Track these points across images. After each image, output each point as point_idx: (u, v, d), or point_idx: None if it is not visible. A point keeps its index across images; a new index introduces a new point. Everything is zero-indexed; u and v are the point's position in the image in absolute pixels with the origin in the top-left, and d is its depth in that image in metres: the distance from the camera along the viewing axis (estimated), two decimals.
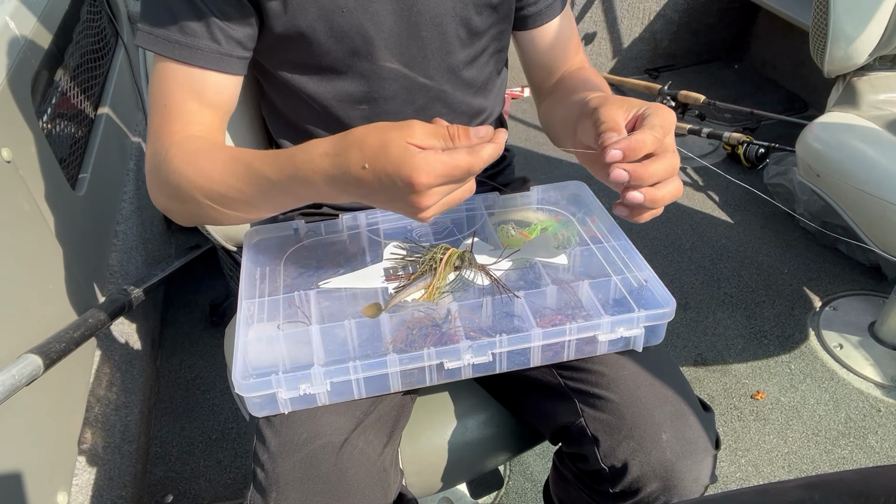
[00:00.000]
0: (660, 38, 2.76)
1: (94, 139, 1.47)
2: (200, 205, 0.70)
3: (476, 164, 0.57)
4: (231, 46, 0.73)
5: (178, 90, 0.73)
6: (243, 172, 0.66)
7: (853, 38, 1.34)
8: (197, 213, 0.73)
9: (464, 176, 0.57)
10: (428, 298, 0.72)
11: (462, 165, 0.56)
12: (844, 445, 1.40)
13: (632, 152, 0.59)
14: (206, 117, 0.74)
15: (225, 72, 0.74)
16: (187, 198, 0.71)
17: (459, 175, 0.57)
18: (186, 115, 0.73)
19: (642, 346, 0.73)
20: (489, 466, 0.93)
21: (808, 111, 2.46)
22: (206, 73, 0.73)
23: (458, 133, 0.58)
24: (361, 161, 0.57)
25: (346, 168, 0.59)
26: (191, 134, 0.73)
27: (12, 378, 0.92)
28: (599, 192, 0.88)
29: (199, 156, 0.70)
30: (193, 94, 0.73)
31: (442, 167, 0.56)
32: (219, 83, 0.74)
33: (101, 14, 1.66)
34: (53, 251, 1.14)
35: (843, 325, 1.66)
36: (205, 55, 0.72)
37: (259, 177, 0.66)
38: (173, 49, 0.72)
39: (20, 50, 1.14)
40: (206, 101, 0.74)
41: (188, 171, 0.69)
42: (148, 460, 1.45)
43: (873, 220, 1.30)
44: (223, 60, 0.73)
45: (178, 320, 1.79)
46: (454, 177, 0.57)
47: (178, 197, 0.72)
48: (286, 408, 0.68)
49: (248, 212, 0.71)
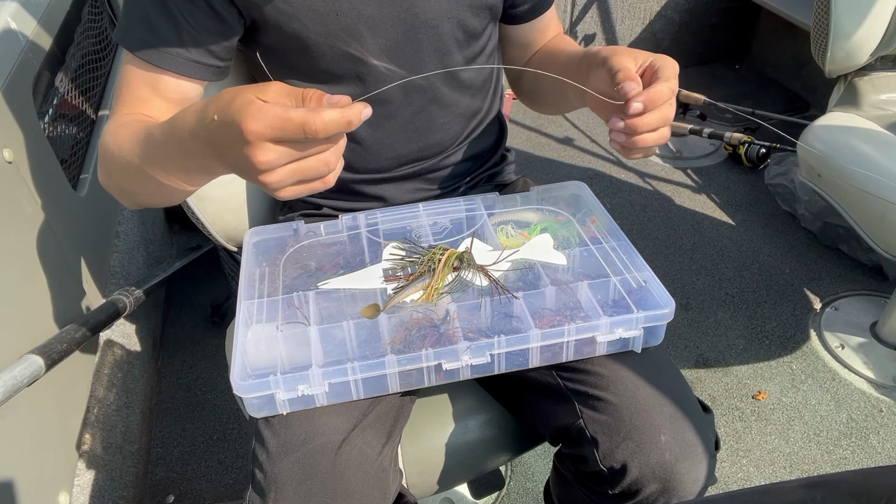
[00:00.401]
0: (660, 39, 2.76)
1: (95, 140, 1.48)
2: (120, 176, 0.73)
3: (311, 122, 0.52)
4: (199, 54, 0.74)
5: (136, 81, 0.74)
6: (144, 138, 0.67)
7: (854, 38, 1.34)
8: (121, 184, 0.75)
9: (298, 133, 0.52)
10: (426, 299, 0.72)
11: (295, 119, 0.52)
12: (846, 446, 1.40)
13: (652, 104, 0.64)
14: (157, 107, 0.75)
15: (188, 77, 0.75)
16: (110, 170, 0.73)
17: (292, 130, 0.52)
18: (137, 101, 0.74)
19: (641, 347, 0.73)
20: (490, 467, 0.93)
21: (810, 111, 2.45)
22: (169, 77, 0.74)
23: (311, 96, 0.55)
24: (214, 112, 0.56)
25: (202, 120, 0.57)
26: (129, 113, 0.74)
27: (14, 378, 0.93)
28: (599, 193, 0.88)
29: (121, 129, 0.71)
30: (148, 85, 0.74)
31: (273, 117, 0.52)
32: (179, 85, 0.75)
33: (103, 15, 1.67)
34: (55, 252, 1.14)
35: (844, 326, 1.66)
36: (171, 59, 0.73)
37: (152, 141, 0.66)
38: (142, 49, 0.73)
39: (22, 51, 1.15)
40: (160, 92, 0.75)
41: (111, 144, 0.71)
42: (149, 461, 1.45)
43: (874, 220, 1.30)
44: (188, 66, 0.74)
45: (180, 321, 1.80)
46: (286, 130, 0.52)
47: (105, 170, 0.75)
48: (284, 408, 0.68)
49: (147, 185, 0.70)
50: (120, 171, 0.72)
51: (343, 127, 0.53)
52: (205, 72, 0.75)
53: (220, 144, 0.56)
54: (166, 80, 0.74)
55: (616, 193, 2.16)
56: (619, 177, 2.23)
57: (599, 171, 2.27)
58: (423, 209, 0.87)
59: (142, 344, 1.48)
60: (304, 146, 0.54)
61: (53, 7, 1.34)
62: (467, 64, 0.84)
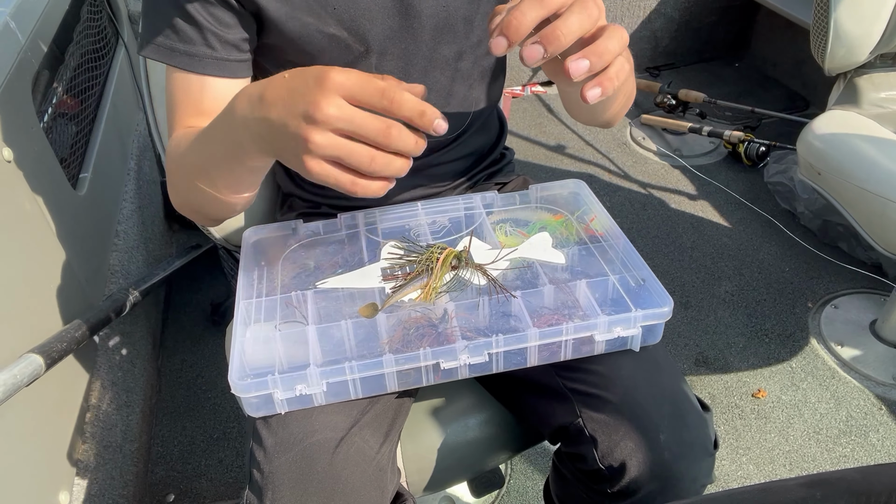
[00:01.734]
0: (660, 37, 2.75)
1: (94, 139, 1.48)
2: (184, 186, 0.73)
3: (392, 89, 0.50)
4: (227, 51, 0.74)
5: (180, 97, 0.76)
6: (199, 136, 0.67)
7: (854, 36, 1.34)
8: (189, 202, 0.74)
9: (376, 96, 0.51)
10: (425, 298, 0.72)
11: (378, 83, 0.51)
12: (846, 444, 1.40)
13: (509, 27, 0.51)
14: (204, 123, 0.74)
15: (222, 76, 0.75)
16: (176, 183, 0.74)
17: (372, 90, 0.51)
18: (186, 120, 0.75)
19: (640, 345, 0.73)
20: (489, 465, 0.93)
21: (809, 109, 2.45)
22: (204, 79, 0.74)
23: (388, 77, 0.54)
24: (284, 73, 0.55)
25: (267, 82, 0.56)
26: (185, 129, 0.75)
27: (14, 377, 0.93)
28: (599, 192, 0.88)
29: (181, 141, 0.72)
30: (192, 104, 0.75)
31: (357, 75, 0.51)
32: (216, 89, 0.75)
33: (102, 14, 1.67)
34: (54, 251, 1.14)
35: (844, 324, 1.66)
36: (201, 61, 0.73)
37: (205, 131, 0.66)
38: (172, 56, 0.73)
39: (21, 50, 1.15)
40: (204, 109, 0.75)
41: (175, 156, 0.72)
42: (149, 460, 1.45)
43: (874, 218, 1.30)
44: (219, 65, 0.74)
45: (180, 320, 1.80)
46: (366, 89, 0.51)
47: (173, 186, 0.75)
48: (282, 408, 0.68)
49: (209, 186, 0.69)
50: (185, 183, 0.72)
51: (417, 114, 0.51)
52: (237, 68, 0.76)
53: (281, 95, 0.53)
54: (205, 87, 0.75)
55: (615, 192, 2.15)
56: (618, 175, 2.23)
57: (598, 169, 2.27)
58: (422, 208, 0.87)
59: (142, 343, 1.49)
60: (368, 120, 0.51)
61: (52, 6, 1.34)
62: (468, 54, 0.84)
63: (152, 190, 1.80)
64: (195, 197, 0.72)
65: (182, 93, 0.75)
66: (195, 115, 0.75)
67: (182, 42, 0.73)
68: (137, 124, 1.85)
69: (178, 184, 0.74)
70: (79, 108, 1.44)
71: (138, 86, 1.83)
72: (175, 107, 0.76)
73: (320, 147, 0.52)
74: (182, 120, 0.75)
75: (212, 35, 0.73)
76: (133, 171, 1.69)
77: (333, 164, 0.53)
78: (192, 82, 0.74)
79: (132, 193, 1.62)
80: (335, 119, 0.51)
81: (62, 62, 1.40)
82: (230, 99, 0.76)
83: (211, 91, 0.75)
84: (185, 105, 0.75)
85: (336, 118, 0.51)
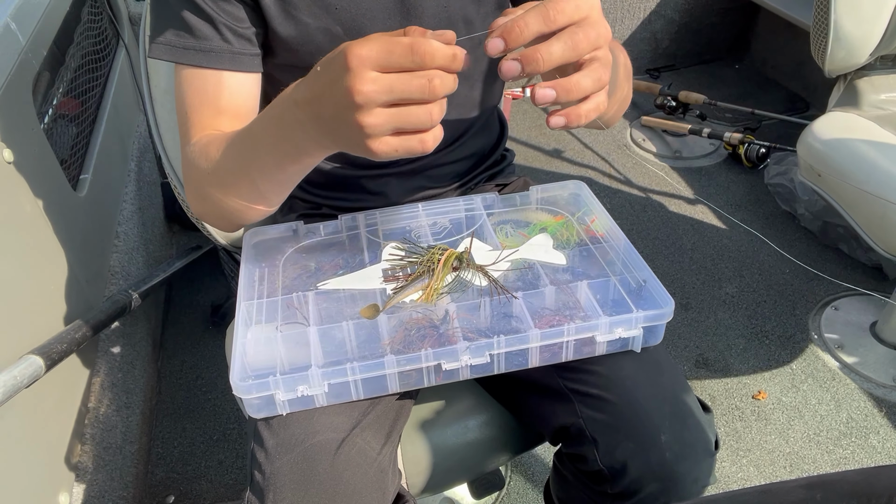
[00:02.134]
0: (660, 38, 2.76)
1: (95, 140, 1.48)
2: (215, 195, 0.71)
3: (420, 43, 0.49)
4: (242, 45, 0.74)
5: (193, 98, 0.74)
6: (237, 140, 0.66)
7: (854, 38, 1.34)
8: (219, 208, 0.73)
9: (406, 55, 0.49)
10: (426, 300, 0.72)
11: (404, 41, 0.49)
12: (846, 445, 1.40)
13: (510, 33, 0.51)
14: (226, 124, 0.75)
15: (239, 70, 0.75)
16: (206, 193, 0.72)
17: (400, 51, 0.49)
18: (204, 122, 0.74)
19: (641, 346, 0.73)
20: (490, 467, 0.93)
21: (810, 111, 2.45)
22: (220, 75, 0.74)
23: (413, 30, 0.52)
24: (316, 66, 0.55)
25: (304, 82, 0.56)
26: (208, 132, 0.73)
27: (14, 379, 0.93)
28: (599, 193, 0.88)
29: (209, 145, 0.70)
30: (209, 104, 0.74)
31: (380, 39, 0.49)
32: (235, 84, 0.75)
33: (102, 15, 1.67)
34: (54, 252, 1.14)
35: (844, 325, 1.66)
36: (218, 56, 0.73)
37: (247, 135, 0.65)
38: (186, 55, 0.73)
39: (21, 51, 1.15)
40: (223, 108, 0.74)
41: (203, 164, 0.70)
42: (149, 461, 1.45)
43: (874, 219, 1.30)
44: (235, 59, 0.74)
45: (180, 321, 1.80)
46: (394, 52, 0.49)
47: (200, 195, 0.74)
48: (284, 409, 0.68)
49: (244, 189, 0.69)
50: (216, 187, 0.70)
51: (449, 59, 0.50)
52: (251, 62, 0.75)
53: (321, 94, 0.53)
54: (221, 84, 0.74)
55: (615, 193, 2.16)
56: (618, 177, 2.23)
57: (599, 171, 2.27)
58: (423, 209, 0.87)
59: (142, 344, 1.48)
60: (408, 82, 0.49)
61: (53, 7, 1.34)
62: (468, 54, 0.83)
63: (153, 191, 1.80)
64: (228, 204, 0.71)
65: (197, 92, 0.74)
66: (214, 114, 0.74)
67: (195, 38, 0.72)
68: (138, 126, 1.85)
69: (206, 191, 0.72)
70: (79, 110, 1.44)
71: (139, 87, 1.83)
72: (190, 108, 0.74)
73: (376, 127, 0.51)
74: (200, 121, 0.73)
75: (226, 28, 0.72)
76: (133, 173, 1.69)
77: (395, 135, 0.52)
78: (208, 79, 0.73)
79: (132, 195, 1.62)
80: (375, 94, 0.49)
81: (63, 63, 1.40)
82: (247, 96, 0.76)
83: (227, 87, 0.74)
84: (202, 105, 0.74)
85: (376, 93, 0.49)
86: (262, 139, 0.63)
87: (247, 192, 0.69)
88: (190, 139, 0.74)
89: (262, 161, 0.64)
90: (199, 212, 0.77)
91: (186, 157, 0.74)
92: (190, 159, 0.72)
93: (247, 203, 0.70)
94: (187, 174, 0.74)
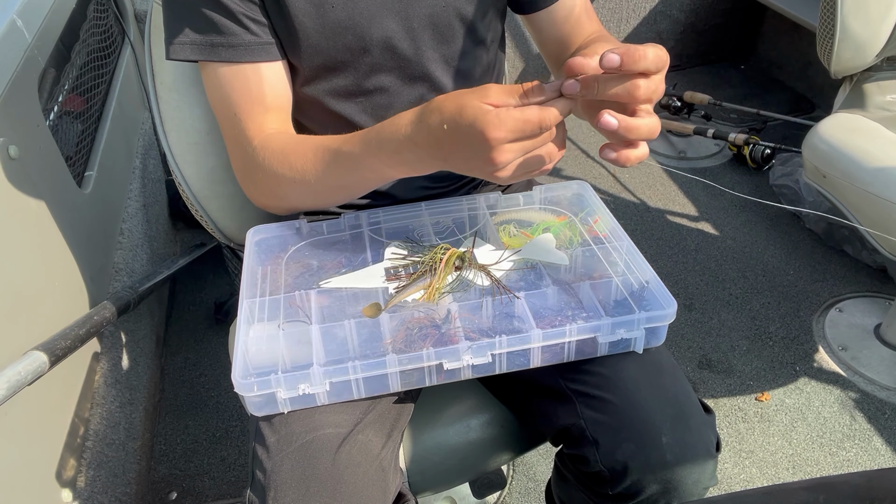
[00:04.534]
0: (666, 39, 2.75)
1: (100, 137, 1.48)
2: (300, 197, 0.77)
3: (547, 118, 0.57)
4: (266, 34, 0.75)
5: (240, 98, 0.75)
6: (332, 158, 0.71)
7: (860, 39, 1.33)
8: (296, 204, 0.80)
9: (536, 130, 0.58)
10: (428, 299, 0.72)
11: (533, 119, 0.57)
12: (849, 448, 1.40)
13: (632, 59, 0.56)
14: (275, 120, 0.77)
15: (273, 59, 0.76)
16: (285, 194, 0.77)
17: (531, 129, 0.57)
18: (257, 120, 0.76)
19: (643, 347, 0.73)
20: (492, 466, 0.93)
21: (815, 112, 2.44)
22: (258, 67, 0.75)
23: (531, 89, 0.59)
24: (441, 123, 0.60)
25: (427, 131, 0.62)
26: (269, 133, 0.76)
27: (18, 375, 0.93)
28: (602, 193, 0.87)
29: (286, 153, 0.74)
30: (256, 101, 0.76)
31: (513, 122, 0.57)
32: (272, 75, 0.76)
33: (108, 12, 1.67)
34: (59, 249, 1.15)
35: (848, 327, 1.65)
36: (250, 49, 0.73)
37: (347, 157, 0.70)
38: (218, 52, 0.73)
39: (27, 48, 1.15)
40: (269, 104, 0.77)
41: (283, 170, 0.74)
42: (152, 458, 1.46)
43: (879, 221, 1.29)
44: (266, 49, 0.75)
45: (183, 318, 1.80)
46: (526, 131, 0.58)
47: (276, 195, 0.78)
48: (285, 407, 0.68)
49: (338, 195, 0.77)
50: (298, 192, 0.76)
51: (568, 111, 0.60)
52: (275, 51, 0.76)
53: (456, 150, 0.61)
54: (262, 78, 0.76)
55: (619, 193, 2.15)
56: (622, 177, 2.23)
57: (602, 171, 2.26)
58: (426, 208, 0.87)
59: (145, 341, 1.49)
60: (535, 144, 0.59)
61: (59, 5, 1.35)
62: (466, 52, 0.84)
63: (157, 188, 1.81)
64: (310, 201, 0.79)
65: (242, 90, 0.75)
66: (263, 112, 0.76)
67: (222, 35, 0.72)
68: (143, 123, 1.86)
69: (284, 192, 0.77)
70: (84, 107, 1.44)
71: (144, 84, 1.83)
72: (239, 108, 0.75)
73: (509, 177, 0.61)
74: (254, 118, 0.76)
75: (248, 20, 0.72)
76: (138, 170, 1.69)
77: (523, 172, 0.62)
78: (248, 75, 0.74)
79: (137, 192, 1.62)
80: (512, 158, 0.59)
81: (68, 61, 1.40)
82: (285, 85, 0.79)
83: (267, 80, 0.76)
84: (251, 103, 0.75)
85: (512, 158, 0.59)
86: (367, 163, 0.69)
87: (340, 198, 0.77)
88: (251, 140, 0.76)
89: (364, 177, 0.71)
90: (265, 205, 0.82)
91: (250, 160, 0.76)
92: (258, 162, 0.75)
93: (334, 202, 0.80)
94: (253, 176, 0.78)
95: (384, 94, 0.82)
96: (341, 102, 0.82)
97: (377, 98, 0.82)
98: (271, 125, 0.77)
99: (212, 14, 0.71)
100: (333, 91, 0.81)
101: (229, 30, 0.72)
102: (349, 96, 0.82)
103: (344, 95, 0.81)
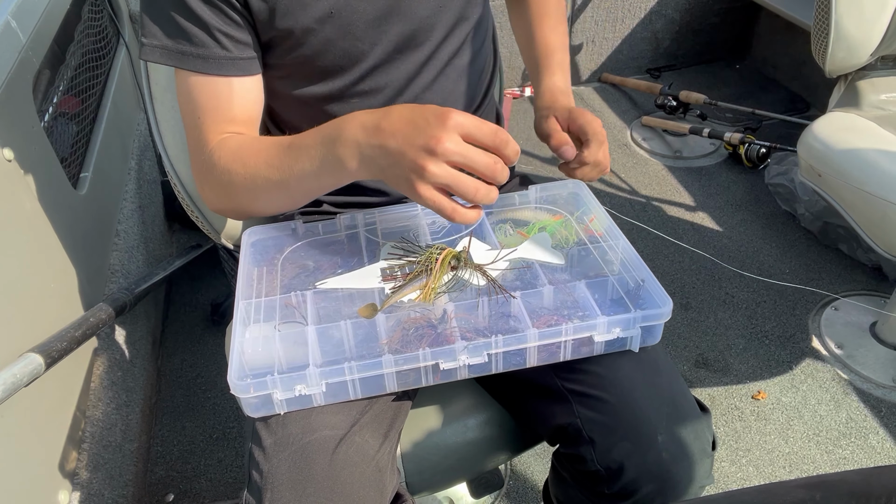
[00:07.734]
0: (661, 38, 2.75)
1: (95, 138, 1.48)
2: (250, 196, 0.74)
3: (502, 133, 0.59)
4: (240, 49, 0.74)
5: (207, 105, 0.75)
6: (285, 152, 0.70)
7: (855, 38, 1.34)
8: (245, 204, 0.77)
9: (490, 136, 0.59)
10: (424, 299, 0.72)
11: (489, 128, 0.59)
12: (846, 445, 1.40)
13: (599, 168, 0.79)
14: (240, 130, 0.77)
15: (245, 74, 0.75)
16: (238, 193, 0.75)
17: (487, 131, 0.59)
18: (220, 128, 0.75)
19: (639, 346, 0.73)
20: (489, 466, 0.93)
21: (810, 111, 2.45)
22: (230, 80, 0.74)
23: None
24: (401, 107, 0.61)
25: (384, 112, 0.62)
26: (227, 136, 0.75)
27: (13, 377, 0.93)
28: (598, 192, 0.88)
29: (241, 150, 0.73)
30: (223, 110, 0.75)
31: (474, 118, 0.59)
32: (242, 89, 0.76)
33: (103, 13, 1.67)
34: (54, 250, 1.14)
35: (844, 326, 1.66)
36: (219, 63, 0.73)
37: (301, 149, 0.69)
38: (185, 60, 0.73)
39: (22, 49, 1.15)
40: (236, 115, 0.76)
41: (235, 167, 0.73)
42: (149, 459, 1.45)
43: (874, 220, 1.30)
44: (237, 65, 0.74)
45: (180, 319, 1.80)
46: (482, 130, 0.59)
47: (228, 195, 0.76)
48: (282, 408, 0.68)
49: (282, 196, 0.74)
50: (247, 190, 0.74)
51: (515, 153, 0.62)
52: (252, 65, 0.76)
53: (398, 127, 0.60)
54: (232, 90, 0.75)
55: (615, 192, 2.16)
56: (618, 176, 2.23)
57: None
58: (422, 208, 0.87)
59: (141, 342, 1.49)
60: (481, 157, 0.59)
61: (54, 5, 1.34)
62: (462, 46, 0.84)
63: (153, 189, 1.81)
64: (256, 205, 0.76)
65: (210, 97, 0.74)
66: (227, 121, 0.75)
67: (192, 45, 0.72)
68: (138, 124, 1.85)
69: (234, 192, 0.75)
70: (79, 108, 1.44)
71: (139, 85, 1.83)
72: (204, 112, 0.75)
73: (435, 176, 0.59)
74: (215, 126, 0.75)
75: (221, 34, 0.72)
76: (133, 171, 1.69)
77: (441, 190, 0.60)
78: (219, 86, 0.74)
79: (132, 193, 1.62)
80: (452, 153, 0.58)
81: (63, 61, 1.40)
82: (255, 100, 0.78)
83: (237, 92, 0.75)
84: (216, 111, 0.75)
85: (453, 152, 0.58)
86: (309, 151, 0.67)
87: (279, 197, 0.74)
88: (207, 143, 0.75)
89: (303, 171, 0.69)
90: (219, 209, 0.80)
91: (207, 161, 0.75)
92: (213, 162, 0.74)
93: (276, 206, 0.76)
94: (208, 177, 0.76)
95: (380, 96, 0.82)
96: (337, 105, 0.82)
97: (373, 99, 0.82)
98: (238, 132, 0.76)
99: (184, 22, 0.71)
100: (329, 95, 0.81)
101: (200, 41, 0.71)
102: (345, 99, 0.82)
103: (339, 99, 0.82)
